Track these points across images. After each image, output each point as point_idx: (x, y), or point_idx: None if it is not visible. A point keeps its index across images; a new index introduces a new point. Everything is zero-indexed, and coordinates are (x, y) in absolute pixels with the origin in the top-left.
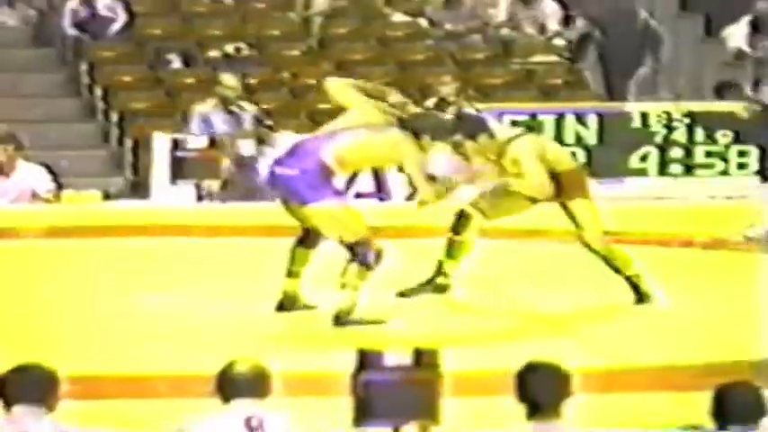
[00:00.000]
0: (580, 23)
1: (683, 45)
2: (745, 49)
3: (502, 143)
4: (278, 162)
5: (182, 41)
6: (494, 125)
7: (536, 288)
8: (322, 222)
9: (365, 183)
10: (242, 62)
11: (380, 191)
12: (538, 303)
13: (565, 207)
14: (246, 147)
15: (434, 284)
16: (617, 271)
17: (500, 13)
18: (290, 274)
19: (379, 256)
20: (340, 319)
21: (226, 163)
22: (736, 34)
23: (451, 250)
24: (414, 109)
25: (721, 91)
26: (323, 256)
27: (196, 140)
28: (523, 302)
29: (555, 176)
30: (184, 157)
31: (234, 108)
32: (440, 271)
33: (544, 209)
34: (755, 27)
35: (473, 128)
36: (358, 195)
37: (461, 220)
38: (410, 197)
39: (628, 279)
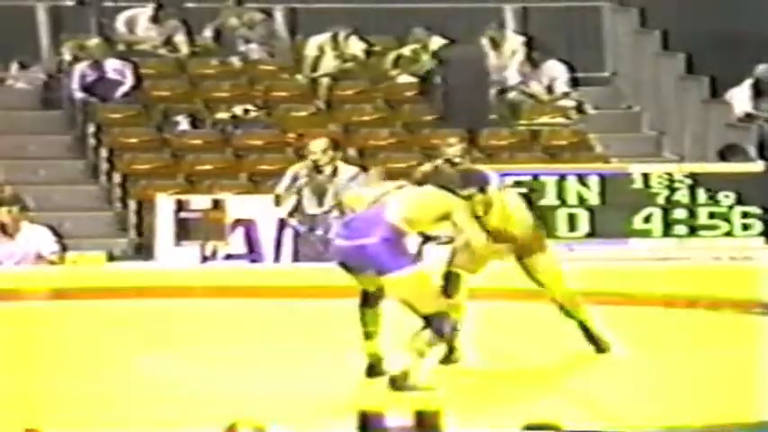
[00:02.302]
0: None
1: (689, 107)
2: (750, 111)
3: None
4: (346, 235)
5: (189, 103)
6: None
7: (533, 351)
8: (400, 292)
9: None
10: (250, 124)
11: None
12: (535, 367)
13: (523, 264)
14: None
15: (454, 356)
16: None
17: (512, 76)
18: (367, 336)
19: (454, 327)
20: (396, 384)
21: (229, 224)
22: (740, 97)
23: None
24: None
25: (725, 154)
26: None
27: (200, 201)
28: (522, 365)
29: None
30: (188, 218)
31: (324, 170)
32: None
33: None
34: (758, 90)
35: (480, 182)
36: None
37: (452, 281)
38: (415, 258)
39: (581, 325)
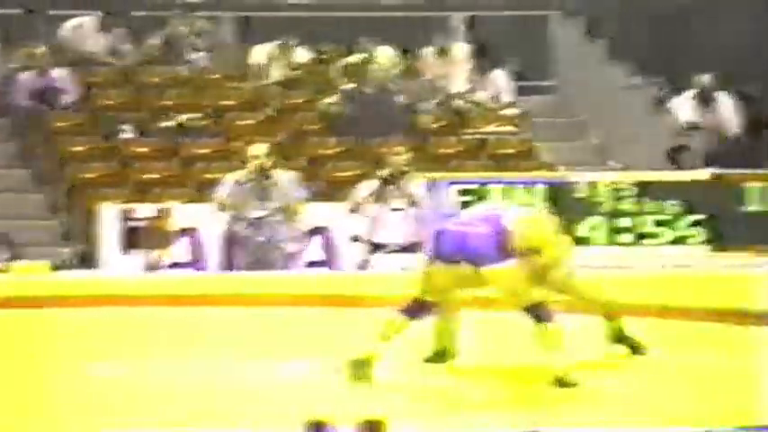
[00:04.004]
0: None
1: (634, 115)
2: (694, 120)
3: None
4: (456, 223)
5: (136, 112)
6: None
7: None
8: (501, 283)
9: (316, 252)
10: (196, 132)
11: (330, 260)
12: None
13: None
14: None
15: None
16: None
17: (459, 84)
18: (384, 338)
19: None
20: (563, 382)
21: (174, 232)
22: (683, 106)
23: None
24: None
25: (673, 156)
26: None
27: (145, 210)
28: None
29: None
30: (134, 227)
31: (270, 174)
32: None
33: None
34: (703, 99)
35: None
36: (310, 264)
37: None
38: (362, 266)
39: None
